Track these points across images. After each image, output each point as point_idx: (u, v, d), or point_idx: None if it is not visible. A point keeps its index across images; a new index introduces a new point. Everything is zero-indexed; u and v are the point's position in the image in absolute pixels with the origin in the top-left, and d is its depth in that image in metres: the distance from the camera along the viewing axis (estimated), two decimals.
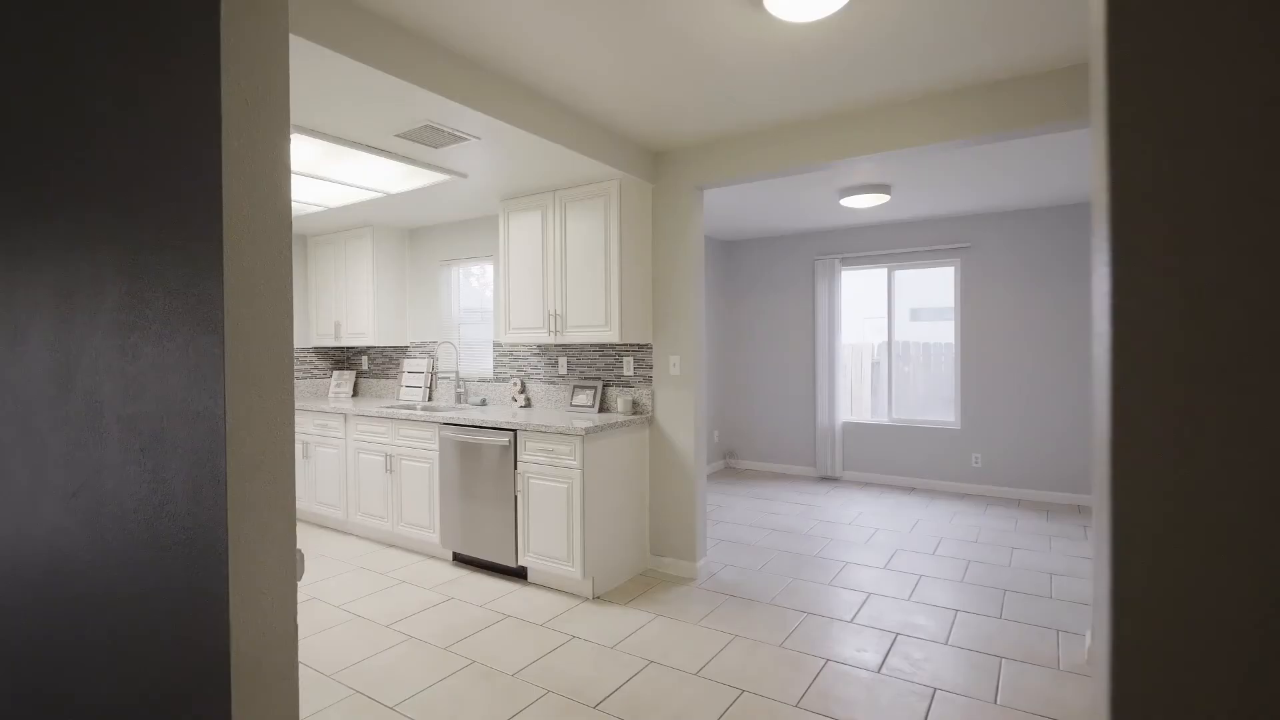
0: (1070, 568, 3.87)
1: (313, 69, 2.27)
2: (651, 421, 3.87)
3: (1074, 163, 4.20)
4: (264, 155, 1.22)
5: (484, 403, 4.62)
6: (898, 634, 3.01)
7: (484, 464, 3.75)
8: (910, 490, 5.93)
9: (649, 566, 3.87)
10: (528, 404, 4.41)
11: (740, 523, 4.87)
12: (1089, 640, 2.88)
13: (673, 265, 3.78)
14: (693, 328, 3.72)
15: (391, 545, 4.37)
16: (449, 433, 3.92)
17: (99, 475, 1.43)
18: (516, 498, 3.61)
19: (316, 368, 5.50)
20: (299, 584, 3.68)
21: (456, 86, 2.56)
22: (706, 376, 6.69)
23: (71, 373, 1.49)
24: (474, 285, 4.90)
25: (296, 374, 5.33)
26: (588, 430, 3.33)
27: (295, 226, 5.04)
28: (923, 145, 3.05)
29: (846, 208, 5.35)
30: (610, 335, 3.64)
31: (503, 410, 4.20)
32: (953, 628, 3.08)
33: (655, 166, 3.83)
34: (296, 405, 4.85)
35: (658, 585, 3.62)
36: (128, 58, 1.27)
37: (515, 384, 4.45)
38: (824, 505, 5.39)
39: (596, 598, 3.44)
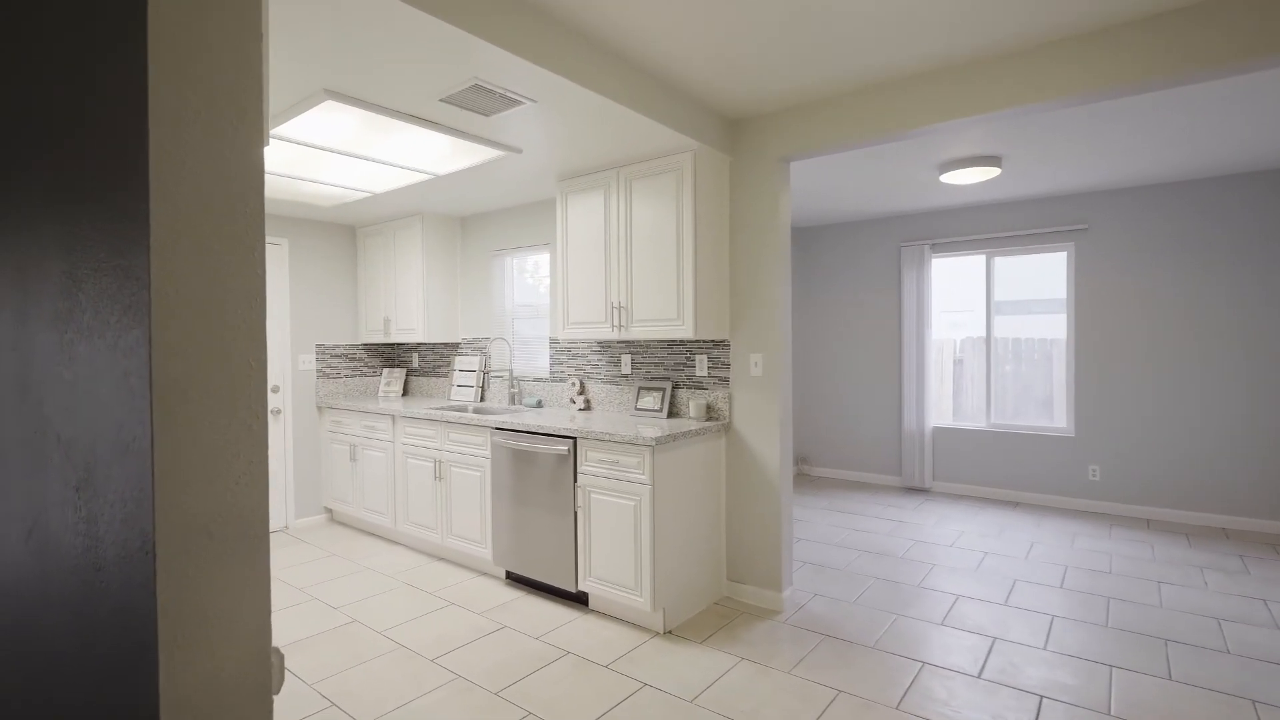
0: (1241, 612, 3.19)
1: (341, 17, 1.88)
2: (728, 429, 3.38)
3: (1248, 118, 3.48)
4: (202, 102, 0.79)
5: (539, 404, 4.23)
6: (1042, 697, 2.45)
7: (540, 474, 3.35)
8: (1014, 506, 5.24)
9: (725, 595, 3.40)
10: (587, 406, 4.00)
11: (823, 541, 4.34)
12: None
13: (754, 250, 3.29)
14: (777, 322, 3.21)
15: (441, 558, 4.04)
16: (501, 438, 3.54)
17: (45, 514, 1.06)
18: (576, 514, 3.20)
19: (366, 365, 5.24)
20: (337, 605, 3.39)
21: (507, 33, 2.14)
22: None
23: (26, 378, 1.12)
24: (529, 281, 4.52)
25: (344, 371, 5.08)
26: (658, 440, 2.88)
27: (343, 216, 4.77)
28: (1061, 99, 2.46)
29: (946, 185, 4.72)
30: (682, 330, 3.17)
31: (560, 414, 3.79)
32: (1111, 691, 2.48)
33: (733, 136, 3.34)
34: (344, 405, 4.59)
35: (737, 619, 3.14)
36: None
37: (574, 384, 4.04)
38: (916, 521, 4.79)
39: (668, 632, 2.99)
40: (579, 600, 3.31)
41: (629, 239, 3.38)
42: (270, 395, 4.66)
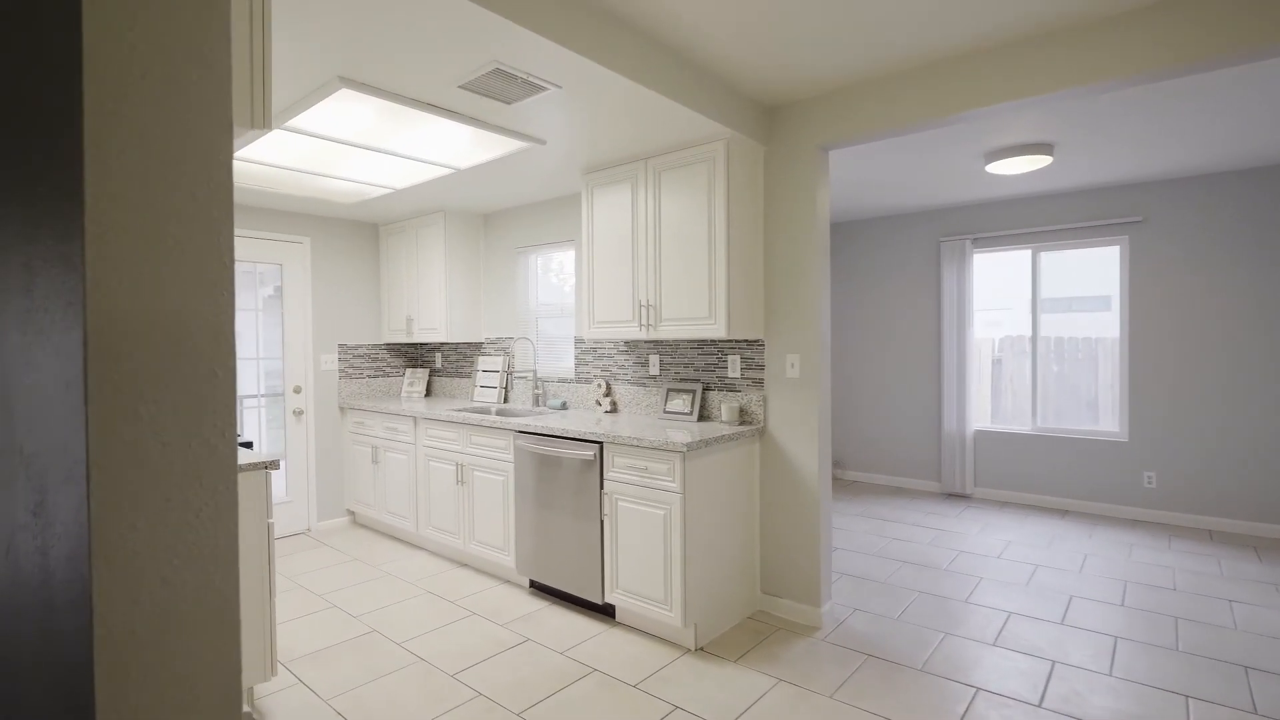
0: None
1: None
2: (763, 433, 3.20)
3: None
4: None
5: (564, 406, 4.09)
6: None
7: (565, 480, 3.21)
8: (1062, 514, 4.97)
9: (759, 608, 3.22)
10: (613, 409, 3.85)
11: (861, 550, 4.13)
12: None
13: (791, 245, 3.10)
14: (815, 321, 3.02)
15: (463, 565, 3.93)
16: (525, 442, 3.40)
17: (14, 536, 0.94)
18: (603, 523, 3.05)
19: (389, 365, 5.16)
20: (357, 614, 3.28)
21: (529, 11, 1.99)
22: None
23: (5, 382, 1.00)
24: (553, 281, 4.38)
25: (367, 372, 5.01)
26: (689, 446, 2.72)
27: (366, 214, 4.69)
28: (1126, 77, 2.24)
29: (992, 176, 4.47)
30: (714, 330, 3.00)
31: (585, 416, 3.65)
32: None
33: (768, 124, 3.16)
34: (366, 406, 4.51)
35: (773, 635, 2.96)
36: None
37: (599, 386, 3.89)
38: (959, 530, 4.55)
39: (699, 649, 2.83)
40: (605, 612, 3.16)
41: (658, 234, 3.22)
42: (292, 395, 4.60)
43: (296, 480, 4.63)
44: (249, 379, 4.44)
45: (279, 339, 4.57)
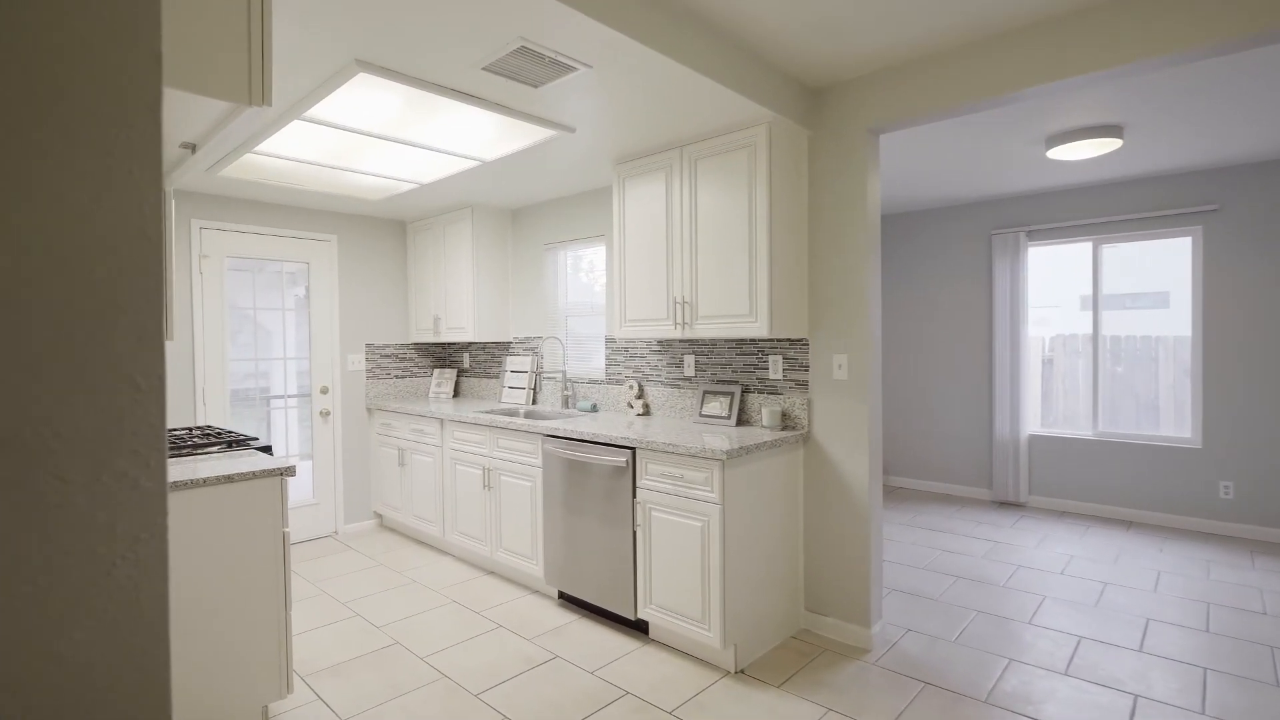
0: None
1: None
2: (807, 439, 2.99)
3: None
4: None
5: (594, 409, 3.92)
6: None
7: (595, 487, 3.04)
8: (1126, 526, 4.62)
9: (803, 627, 3.00)
10: (646, 411, 3.67)
11: (911, 563, 3.87)
12: None
13: (838, 237, 2.88)
14: (865, 318, 2.80)
15: (491, 572, 3.79)
16: (553, 446, 3.24)
17: None
18: (635, 533, 2.87)
19: (416, 365, 5.07)
20: (380, 624, 3.17)
21: None
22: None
23: None
24: (583, 280, 4.21)
25: (394, 372, 4.92)
26: (729, 453, 2.52)
27: (393, 210, 4.60)
28: (1213, 44, 1.97)
29: (1051, 163, 4.16)
30: (755, 328, 2.80)
31: (617, 420, 3.47)
32: None
33: (813, 106, 2.94)
34: (393, 407, 4.41)
35: (819, 657, 2.74)
36: None
37: (631, 387, 3.71)
38: (1015, 543, 4.25)
39: (739, 672, 2.63)
40: (638, 628, 2.98)
41: (694, 226, 3.03)
42: (319, 396, 4.53)
43: (323, 482, 4.55)
44: (280, 380, 4.38)
45: (306, 339, 4.50)
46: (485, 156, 3.25)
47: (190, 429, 3.05)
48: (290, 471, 2.25)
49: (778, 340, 3.09)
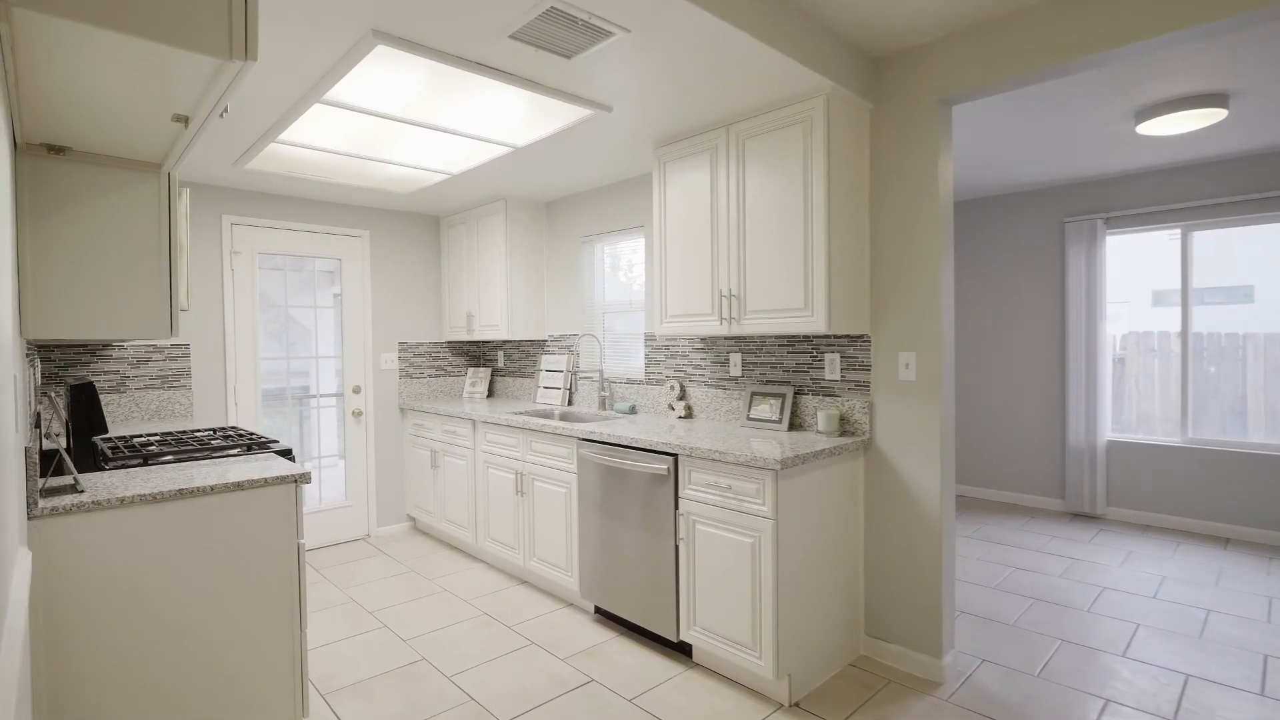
0: None
1: None
2: (868, 446, 2.70)
3: None
4: None
5: (633, 410, 3.70)
6: None
7: (634, 496, 2.81)
8: (1223, 543, 4.16)
9: (863, 654, 2.71)
10: (688, 414, 3.42)
11: (980, 582, 3.53)
12: None
13: (905, 222, 2.58)
14: (935, 313, 2.50)
15: (523, 582, 3.60)
16: (589, 451, 3.03)
17: None
18: (678, 548, 2.63)
19: (450, 365, 4.93)
20: (407, 637, 3.00)
21: None
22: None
23: None
24: (622, 279, 3.99)
25: (428, 371, 4.78)
26: (784, 463, 2.26)
27: (425, 205, 4.46)
28: None
29: (1141, 138, 3.75)
30: (811, 323, 2.52)
31: (657, 423, 3.24)
32: None
33: (875, 76, 2.64)
34: (425, 407, 4.26)
35: (883, 690, 2.45)
36: None
37: (672, 388, 3.47)
38: (1096, 560, 3.86)
39: (794, 705, 2.36)
40: (680, 650, 2.74)
41: (741, 212, 2.77)
42: (352, 396, 4.42)
43: (356, 484, 4.44)
44: (313, 379, 4.28)
45: (338, 337, 4.39)
46: (516, 142, 3.05)
47: (215, 430, 2.94)
48: (305, 478, 2.09)
49: (835, 337, 2.81)
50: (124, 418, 3.54)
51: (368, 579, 3.70)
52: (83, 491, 1.82)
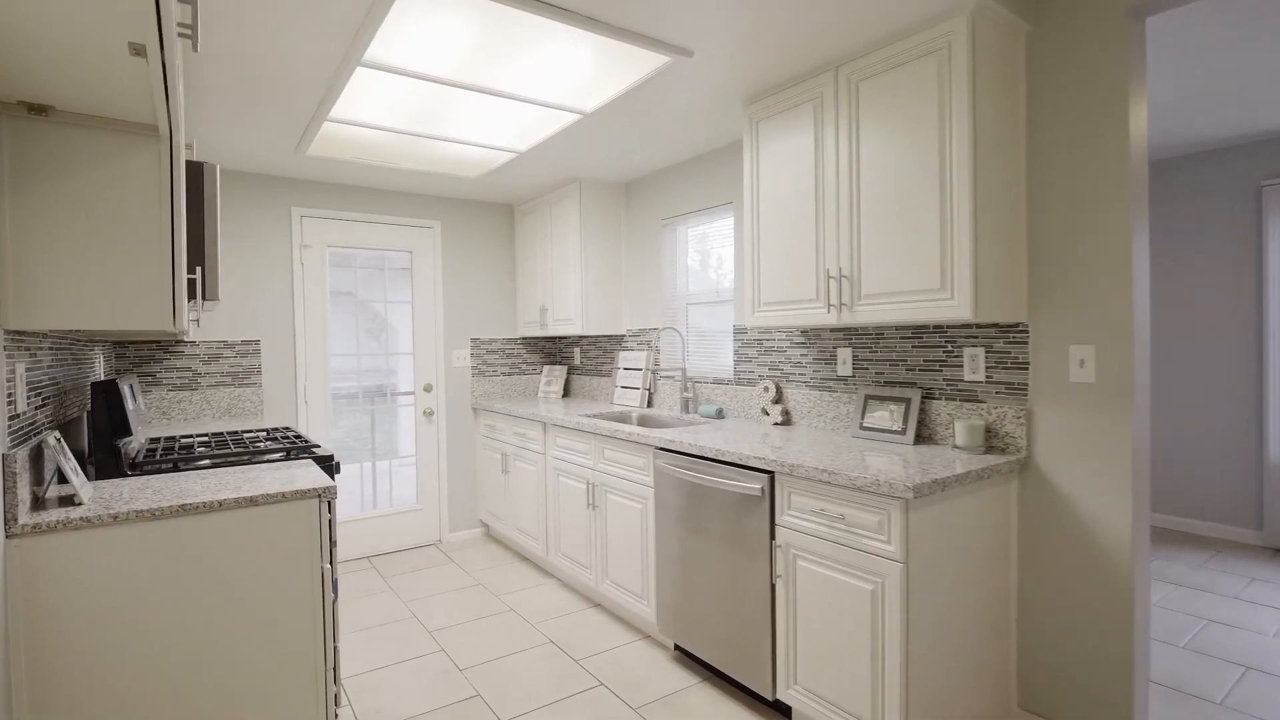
0: None
1: None
2: (1024, 467, 2.10)
3: None
4: None
5: (720, 414, 3.23)
6: None
7: (720, 518, 2.35)
8: None
9: None
10: (785, 420, 2.92)
11: (1164, 638, 2.80)
12: None
13: (1077, 179, 1.97)
14: (1125, 296, 1.88)
15: (596, 605, 3.22)
16: (667, 463, 2.60)
17: None
18: (774, 586, 2.14)
19: (525, 362, 4.64)
20: (464, 666, 2.68)
21: None
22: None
23: None
24: (711, 276, 3.51)
25: (501, 369, 4.52)
26: (917, 489, 1.73)
27: (497, 191, 4.18)
28: None
29: None
30: (951, 308, 1.97)
31: (748, 430, 2.76)
32: None
33: None
34: (496, 408, 3.98)
35: None
36: None
37: (766, 389, 2.98)
38: None
39: None
40: (777, 709, 2.26)
41: (854, 174, 2.25)
42: (422, 394, 4.22)
43: (427, 487, 4.24)
44: (384, 377, 4.11)
45: (409, 333, 4.20)
46: (585, 107, 2.66)
47: (268, 431, 2.75)
48: (330, 493, 1.78)
49: (978, 326, 2.22)
50: (195, 415, 3.47)
51: (432, 590, 3.45)
52: (82, 504, 1.59)
